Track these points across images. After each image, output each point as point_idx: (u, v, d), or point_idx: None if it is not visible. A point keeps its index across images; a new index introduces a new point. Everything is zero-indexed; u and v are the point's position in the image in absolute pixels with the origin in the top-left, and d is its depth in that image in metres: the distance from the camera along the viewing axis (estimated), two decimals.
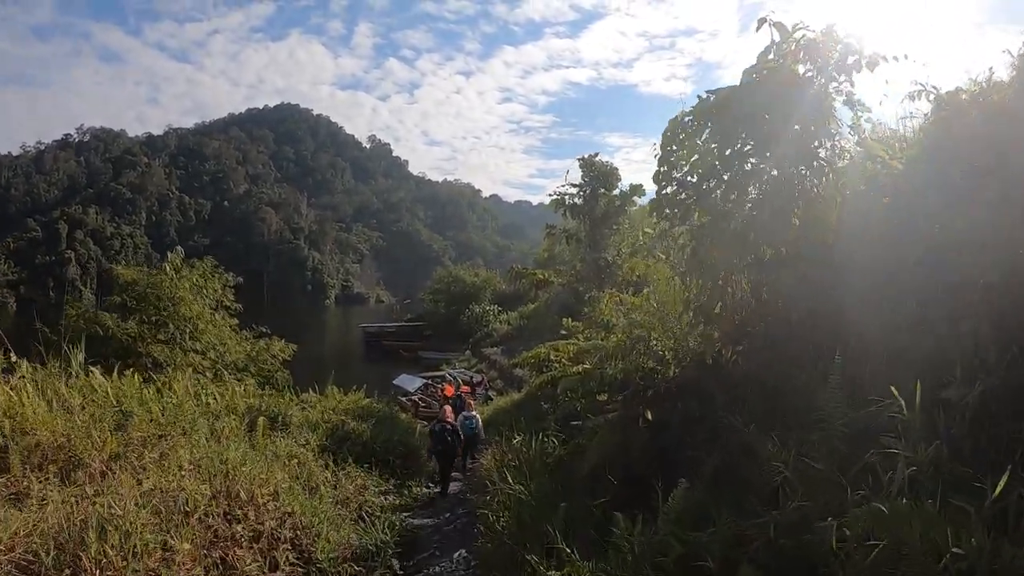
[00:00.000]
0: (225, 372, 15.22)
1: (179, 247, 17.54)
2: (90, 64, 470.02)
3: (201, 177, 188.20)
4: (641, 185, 22.96)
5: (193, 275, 16.72)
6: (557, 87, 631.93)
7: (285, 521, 6.96)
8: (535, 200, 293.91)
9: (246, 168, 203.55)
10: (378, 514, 9.14)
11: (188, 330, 15.77)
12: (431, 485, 12.02)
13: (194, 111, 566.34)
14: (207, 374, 15.08)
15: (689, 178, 5.30)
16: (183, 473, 6.77)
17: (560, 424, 8.77)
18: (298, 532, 6.96)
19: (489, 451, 11.43)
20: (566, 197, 22.60)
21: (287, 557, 6.62)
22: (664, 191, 5.31)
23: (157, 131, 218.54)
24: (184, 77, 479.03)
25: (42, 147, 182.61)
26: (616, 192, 22.97)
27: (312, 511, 7.38)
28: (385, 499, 10.37)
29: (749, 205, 5.11)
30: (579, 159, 23.10)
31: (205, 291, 16.72)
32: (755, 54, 5.35)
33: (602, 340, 8.01)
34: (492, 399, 25.40)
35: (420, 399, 30.23)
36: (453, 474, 13.14)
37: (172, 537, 5.48)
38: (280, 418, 11.11)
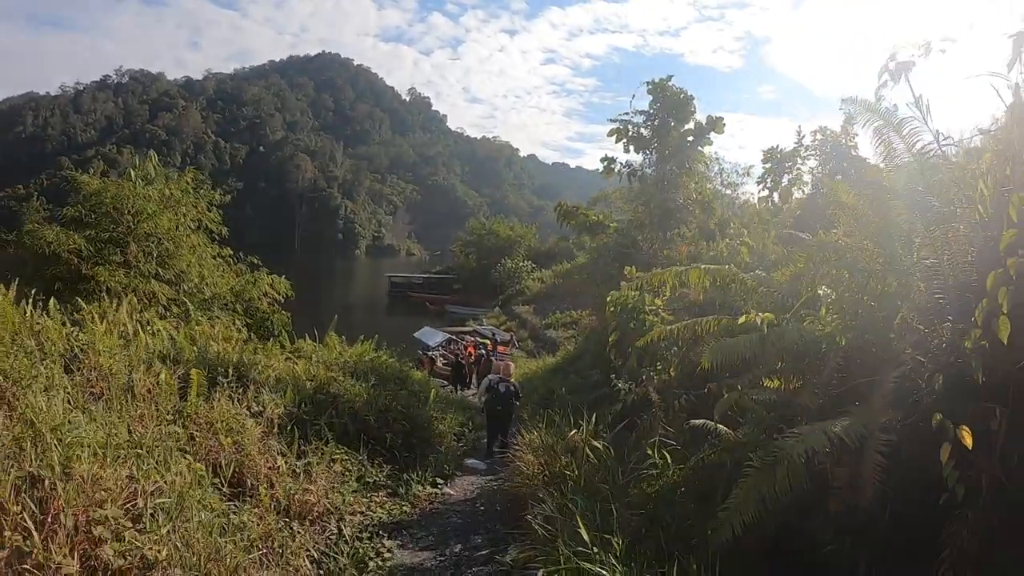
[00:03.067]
0: (191, 306, 11.98)
1: (153, 152, 14.18)
2: (131, 7, 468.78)
3: (238, 122, 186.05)
4: (721, 118, 18.81)
5: (169, 186, 13.45)
6: (602, 51, 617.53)
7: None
8: (573, 163, 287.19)
9: (284, 115, 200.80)
10: (348, 538, 5.78)
11: (155, 252, 12.56)
12: (441, 481, 8.64)
13: (235, 58, 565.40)
14: (172, 308, 11.96)
15: None
16: None
17: (671, 424, 5.21)
18: None
19: (526, 438, 8.02)
20: (629, 127, 18.53)
21: None
22: None
23: (196, 75, 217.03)
24: (228, 23, 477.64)
25: (80, 88, 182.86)
26: (690, 125, 18.84)
27: (205, 551, 3.98)
28: (369, 504, 7.00)
29: None
30: (647, 83, 18.92)
31: (182, 206, 13.40)
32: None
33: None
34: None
35: (442, 355, 27.20)
36: (471, 462, 10.13)
37: None
38: (229, 371, 7.71)
